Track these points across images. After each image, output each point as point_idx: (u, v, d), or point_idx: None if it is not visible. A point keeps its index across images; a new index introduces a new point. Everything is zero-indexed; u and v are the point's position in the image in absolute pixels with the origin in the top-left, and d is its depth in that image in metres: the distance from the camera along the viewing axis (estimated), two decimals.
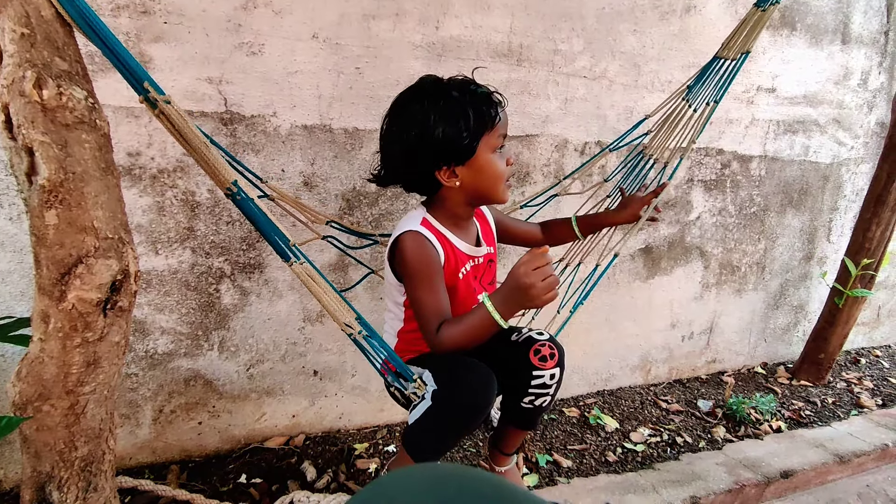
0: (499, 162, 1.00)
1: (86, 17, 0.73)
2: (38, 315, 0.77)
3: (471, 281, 1.10)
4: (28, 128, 0.70)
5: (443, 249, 1.02)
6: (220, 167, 0.84)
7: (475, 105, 0.96)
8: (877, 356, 2.61)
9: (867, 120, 2.36)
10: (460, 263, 1.06)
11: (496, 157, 1.00)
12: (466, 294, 1.09)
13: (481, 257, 1.12)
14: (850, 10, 2.16)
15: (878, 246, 2.12)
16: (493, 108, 0.98)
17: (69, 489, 0.83)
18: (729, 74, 1.21)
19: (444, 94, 0.96)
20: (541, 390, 1.05)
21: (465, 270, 1.07)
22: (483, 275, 1.15)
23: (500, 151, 1.01)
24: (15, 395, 0.79)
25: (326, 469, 1.43)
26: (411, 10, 1.44)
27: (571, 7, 1.65)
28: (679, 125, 1.28)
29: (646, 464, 1.58)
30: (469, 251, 1.09)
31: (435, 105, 0.95)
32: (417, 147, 0.97)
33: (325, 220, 1.26)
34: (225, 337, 1.43)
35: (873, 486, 1.66)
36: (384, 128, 1.03)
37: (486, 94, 0.98)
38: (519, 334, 1.11)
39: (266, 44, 1.31)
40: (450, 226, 1.06)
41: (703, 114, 1.22)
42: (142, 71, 0.77)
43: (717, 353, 2.29)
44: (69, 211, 0.73)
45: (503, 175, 1.01)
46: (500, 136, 1.00)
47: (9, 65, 0.70)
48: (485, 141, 0.97)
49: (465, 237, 1.09)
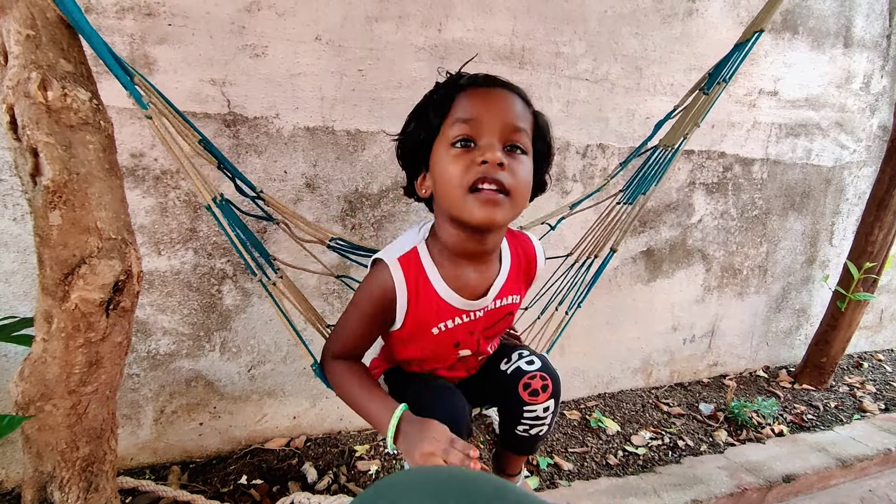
0: (453, 160, 0.71)
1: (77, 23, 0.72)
2: (41, 315, 0.77)
3: (455, 336, 0.85)
4: (33, 129, 0.71)
5: (407, 301, 0.79)
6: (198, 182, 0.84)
7: (440, 90, 0.76)
8: (879, 360, 2.60)
9: (869, 123, 2.35)
10: (439, 318, 0.81)
11: (452, 153, 0.71)
12: (440, 349, 0.86)
13: (481, 311, 0.84)
14: (852, 14, 2.16)
15: (880, 249, 2.12)
16: (454, 90, 0.74)
17: (70, 489, 0.83)
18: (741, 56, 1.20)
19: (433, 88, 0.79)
20: (534, 422, 0.93)
21: (443, 327, 0.83)
22: (490, 329, 0.89)
23: (462, 147, 0.71)
24: (17, 395, 0.79)
25: (327, 471, 1.43)
26: (414, 12, 1.44)
27: (573, 10, 1.65)
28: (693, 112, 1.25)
29: (647, 467, 1.57)
30: (461, 304, 0.81)
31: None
32: (397, 151, 0.83)
33: (329, 237, 1.16)
34: (226, 338, 1.43)
35: (876, 490, 1.65)
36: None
37: (455, 78, 0.77)
38: (508, 361, 0.94)
39: (269, 46, 1.32)
40: (448, 264, 0.80)
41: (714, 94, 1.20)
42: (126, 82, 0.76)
43: (718, 356, 2.28)
44: (73, 211, 0.74)
45: (457, 177, 0.70)
46: (456, 121, 0.72)
47: (14, 66, 0.70)
48: (441, 133, 0.74)
49: (464, 283, 0.81)
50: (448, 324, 0.83)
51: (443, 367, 0.94)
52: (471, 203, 0.70)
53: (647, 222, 1.96)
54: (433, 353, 0.88)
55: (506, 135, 0.72)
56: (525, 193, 0.75)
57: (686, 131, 1.21)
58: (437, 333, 0.83)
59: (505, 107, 0.73)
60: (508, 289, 0.86)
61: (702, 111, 1.21)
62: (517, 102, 0.76)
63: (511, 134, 0.73)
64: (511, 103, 0.75)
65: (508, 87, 0.77)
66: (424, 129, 0.76)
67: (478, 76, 0.76)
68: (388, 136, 0.86)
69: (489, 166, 0.69)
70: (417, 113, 0.79)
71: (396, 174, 1.53)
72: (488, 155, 0.69)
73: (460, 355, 0.90)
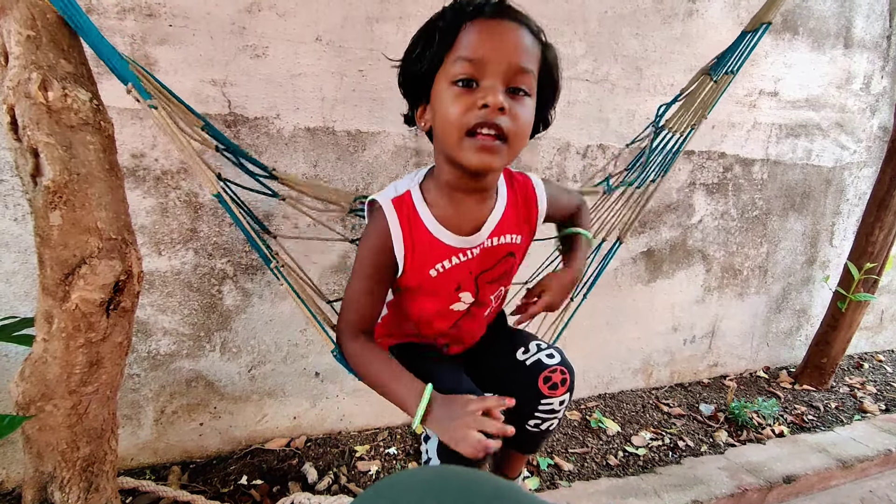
0: (453, 99, 0.69)
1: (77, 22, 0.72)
2: (41, 315, 0.78)
3: (454, 278, 0.84)
4: (33, 129, 0.71)
5: (402, 240, 0.79)
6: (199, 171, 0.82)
7: (445, 16, 0.71)
8: (880, 361, 2.60)
9: (870, 124, 2.35)
10: (435, 258, 0.81)
11: (453, 92, 0.69)
12: (441, 292, 0.85)
13: (475, 248, 0.82)
14: (852, 15, 2.16)
15: (881, 250, 2.12)
16: (459, 18, 0.70)
17: (71, 489, 0.83)
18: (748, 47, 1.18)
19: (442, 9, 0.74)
20: (548, 415, 0.94)
21: (441, 268, 0.82)
22: (489, 271, 0.87)
23: (464, 87, 0.69)
24: (18, 395, 0.79)
25: (327, 471, 1.43)
26: (414, 13, 1.44)
27: (574, 10, 1.65)
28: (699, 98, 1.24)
29: (647, 467, 1.57)
30: (456, 243, 0.81)
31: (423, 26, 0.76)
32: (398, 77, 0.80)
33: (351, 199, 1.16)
34: (227, 338, 1.43)
35: (876, 491, 1.65)
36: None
37: (463, 3, 0.71)
38: (527, 352, 0.93)
39: (270, 46, 1.32)
40: (441, 202, 0.80)
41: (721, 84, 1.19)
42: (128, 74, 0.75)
43: (719, 356, 2.28)
44: (73, 212, 0.74)
45: (456, 119, 0.69)
46: (458, 59, 0.69)
47: (15, 67, 0.70)
48: (443, 68, 0.71)
49: (458, 220, 0.80)
50: (445, 264, 0.82)
51: (448, 327, 0.91)
52: (467, 147, 0.69)
53: (648, 223, 1.96)
54: (436, 303, 0.86)
55: (510, 76, 0.69)
56: (524, 138, 0.73)
57: (694, 121, 1.18)
58: (436, 276, 0.82)
59: (511, 45, 0.69)
60: (505, 227, 0.84)
61: (709, 100, 1.18)
62: (525, 38, 0.71)
63: (515, 75, 0.69)
64: (518, 40, 0.70)
65: (517, 20, 0.71)
66: (426, 61, 0.72)
67: (486, 3, 0.71)
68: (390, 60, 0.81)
69: (490, 111, 0.67)
70: (421, 39, 0.74)
71: (397, 175, 1.53)
72: (490, 98, 0.67)
73: (462, 300, 0.86)
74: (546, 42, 0.76)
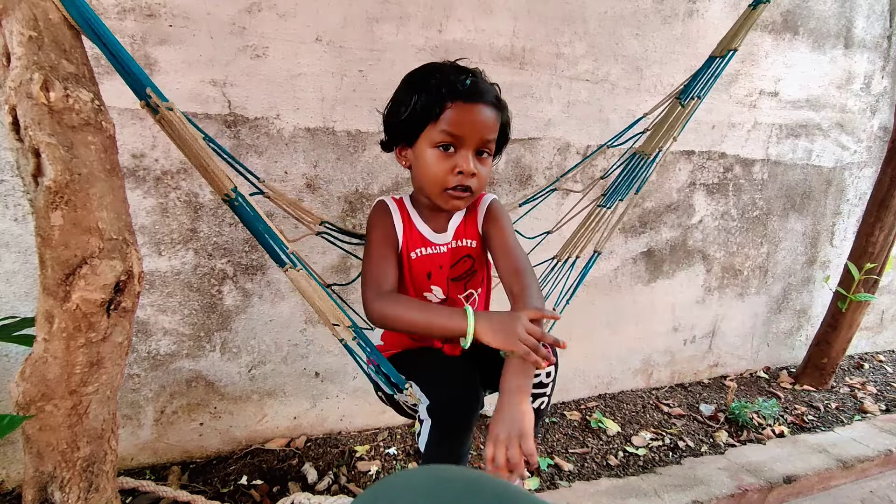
0: (436, 161, 0.90)
1: (89, 21, 0.73)
2: (42, 315, 0.78)
3: (427, 266, 1.01)
4: (35, 129, 0.71)
5: (402, 223, 0.99)
6: (218, 173, 0.84)
7: (431, 90, 0.89)
8: (880, 361, 2.60)
9: (870, 124, 2.35)
10: (414, 245, 1.00)
11: (435, 154, 0.91)
12: (417, 278, 1.02)
13: (444, 246, 1.02)
14: (852, 15, 2.17)
15: (881, 250, 2.12)
16: (443, 99, 0.88)
17: (71, 489, 0.83)
18: (717, 71, 1.25)
19: (425, 71, 0.94)
20: (537, 390, 0.98)
21: (419, 252, 1.01)
22: (453, 267, 1.04)
23: (443, 151, 0.90)
24: (18, 395, 0.79)
25: (327, 471, 1.43)
26: (414, 13, 1.44)
27: (574, 11, 1.65)
28: (668, 122, 1.30)
29: (648, 468, 1.57)
30: (430, 236, 1.01)
31: (409, 78, 0.96)
32: (383, 116, 1.00)
33: (319, 220, 1.22)
34: (227, 338, 1.43)
35: (877, 491, 1.65)
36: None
37: (450, 84, 0.88)
38: None
39: (270, 47, 1.32)
40: (420, 208, 1.02)
41: (688, 109, 1.25)
42: (144, 76, 0.77)
43: (719, 357, 2.28)
44: (74, 212, 0.74)
45: (438, 178, 0.91)
46: (441, 132, 0.89)
47: (16, 67, 0.70)
48: (427, 131, 0.91)
49: (431, 223, 1.02)
50: (422, 250, 1.00)
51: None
52: (444, 197, 0.93)
53: (648, 223, 1.96)
54: (413, 290, 1.02)
55: (479, 145, 0.92)
56: (484, 186, 0.97)
57: (661, 144, 1.25)
58: (416, 258, 1.00)
59: (483, 123, 0.91)
60: (465, 229, 1.04)
61: (677, 124, 1.25)
62: (493, 116, 0.92)
63: (483, 144, 0.92)
64: (488, 119, 0.91)
65: (488, 102, 0.91)
66: (412, 122, 0.92)
67: (464, 89, 0.89)
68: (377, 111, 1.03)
69: (463, 176, 0.91)
70: (404, 104, 0.93)
71: (397, 175, 1.53)
72: (464, 166, 0.90)
73: (434, 293, 1.03)
74: (504, 105, 0.97)
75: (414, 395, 0.91)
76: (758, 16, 1.21)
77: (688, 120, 1.25)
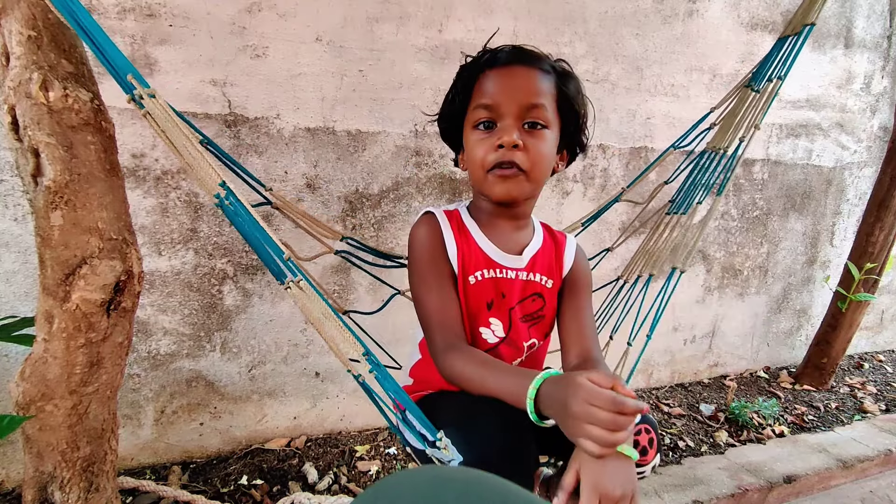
0: (478, 142, 0.78)
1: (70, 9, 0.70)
2: (42, 315, 0.78)
3: (489, 293, 0.83)
4: (34, 129, 0.71)
5: (454, 239, 0.81)
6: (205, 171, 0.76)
7: (465, 70, 0.81)
8: (880, 361, 2.60)
9: (870, 124, 2.35)
10: (476, 266, 0.82)
11: (476, 135, 0.79)
12: (474, 308, 0.83)
13: (514, 272, 0.84)
14: (852, 15, 2.16)
15: (881, 250, 2.12)
16: (477, 71, 0.79)
17: (71, 489, 0.83)
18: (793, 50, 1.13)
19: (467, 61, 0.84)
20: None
21: (479, 276, 0.82)
22: (520, 304, 0.85)
23: (485, 129, 0.78)
24: (18, 395, 0.79)
25: (328, 471, 1.43)
26: (415, 13, 1.44)
27: (574, 11, 1.65)
28: (742, 112, 1.16)
29: None
30: (496, 256, 0.83)
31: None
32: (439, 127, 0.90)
33: (340, 236, 1.12)
34: (227, 338, 1.43)
35: (877, 491, 1.65)
36: None
37: (477, 58, 0.80)
38: None
39: (270, 46, 1.32)
40: (483, 223, 0.85)
41: (767, 92, 1.10)
42: (124, 62, 0.68)
43: (719, 356, 2.28)
44: (74, 212, 0.74)
45: (479, 159, 0.78)
46: (477, 107, 0.78)
47: (16, 67, 0.70)
48: (468, 116, 0.80)
49: (498, 238, 0.84)
50: (484, 273, 0.83)
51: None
52: (490, 181, 0.78)
53: (648, 222, 1.96)
54: (467, 321, 0.83)
55: (523, 113, 0.76)
56: (541, 165, 0.78)
57: (741, 133, 1.10)
58: (474, 283, 0.82)
59: (522, 86, 0.76)
60: (541, 262, 0.86)
61: (754, 111, 1.11)
62: (536, 78, 0.77)
63: (529, 111, 0.76)
64: (529, 81, 0.77)
65: (527, 62, 0.78)
66: (453, 113, 0.83)
67: (498, 54, 0.78)
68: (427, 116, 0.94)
69: (505, 150, 0.75)
70: (448, 96, 0.84)
71: (397, 175, 1.53)
72: (505, 138, 0.75)
73: (492, 328, 0.84)
74: (564, 74, 0.81)
75: (449, 450, 0.68)
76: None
77: (770, 102, 1.09)
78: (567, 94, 0.80)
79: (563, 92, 0.80)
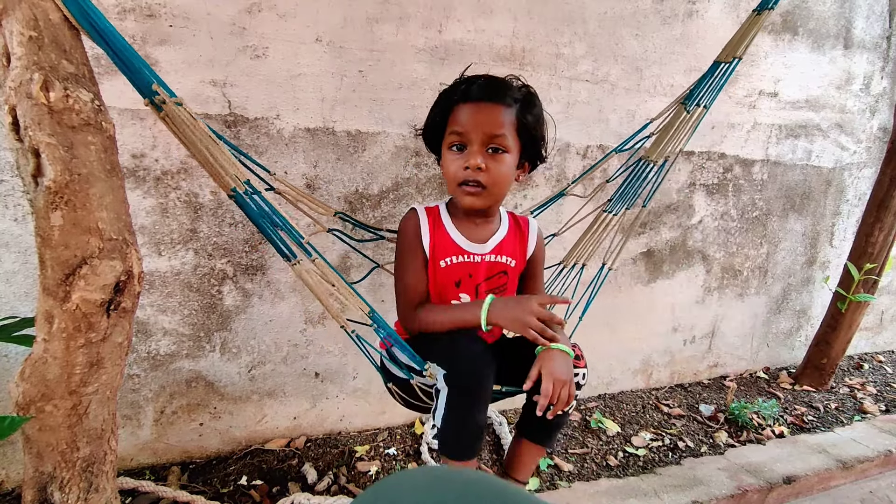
0: (451, 160, 0.99)
1: (92, 21, 0.73)
2: (42, 315, 0.78)
3: (457, 274, 1.05)
4: (35, 129, 0.71)
5: (429, 231, 1.03)
6: (227, 167, 0.84)
7: (443, 99, 1.01)
8: (880, 361, 2.60)
9: (870, 124, 2.35)
10: (446, 252, 1.04)
11: (450, 154, 1.00)
12: (445, 286, 1.05)
13: (479, 256, 1.05)
14: (852, 15, 2.17)
15: (881, 251, 2.12)
16: (451, 103, 0.99)
17: (71, 490, 0.83)
18: (722, 78, 1.23)
19: (449, 85, 1.03)
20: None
21: (449, 261, 1.04)
22: (486, 281, 1.07)
23: (457, 151, 0.98)
24: (18, 396, 0.79)
25: (327, 471, 1.43)
26: (414, 13, 1.45)
27: (574, 11, 1.65)
28: (675, 128, 1.28)
29: (647, 468, 1.57)
30: (465, 245, 1.04)
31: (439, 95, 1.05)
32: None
33: (333, 211, 1.24)
34: (226, 338, 1.43)
35: (876, 492, 1.65)
36: None
37: (451, 90, 1.00)
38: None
39: (270, 47, 1.32)
40: (457, 218, 1.06)
41: (694, 116, 1.23)
42: (151, 72, 0.76)
43: (719, 357, 2.28)
44: (74, 212, 0.74)
45: (451, 175, 0.99)
46: (451, 133, 0.98)
47: (16, 67, 0.70)
48: (445, 137, 1.01)
49: (468, 230, 1.05)
50: (453, 259, 1.04)
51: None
52: (459, 193, 1.00)
53: (648, 223, 1.96)
54: (437, 291, 1.05)
55: (488, 140, 0.96)
56: (502, 184, 0.99)
57: (668, 152, 1.24)
58: (444, 267, 1.04)
59: (487, 120, 0.95)
60: (505, 247, 1.08)
61: (683, 131, 1.23)
62: (499, 112, 0.96)
63: (492, 139, 0.96)
64: (493, 115, 0.96)
65: (493, 98, 0.96)
66: (433, 132, 1.05)
67: (469, 89, 0.97)
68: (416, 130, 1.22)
69: (471, 171, 0.96)
70: (430, 114, 1.05)
71: (397, 175, 1.53)
72: (471, 161, 0.95)
73: (460, 299, 1.06)
74: (525, 103, 0.99)
75: (433, 373, 0.95)
76: (762, 22, 1.19)
77: (695, 129, 1.24)
78: (526, 124, 0.99)
79: (523, 122, 0.99)
